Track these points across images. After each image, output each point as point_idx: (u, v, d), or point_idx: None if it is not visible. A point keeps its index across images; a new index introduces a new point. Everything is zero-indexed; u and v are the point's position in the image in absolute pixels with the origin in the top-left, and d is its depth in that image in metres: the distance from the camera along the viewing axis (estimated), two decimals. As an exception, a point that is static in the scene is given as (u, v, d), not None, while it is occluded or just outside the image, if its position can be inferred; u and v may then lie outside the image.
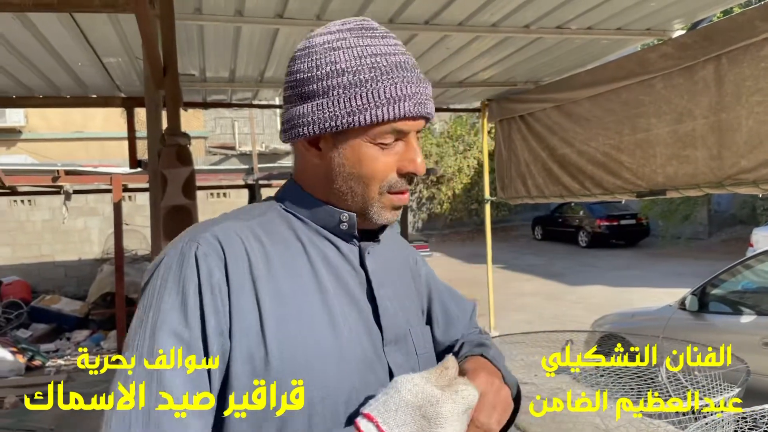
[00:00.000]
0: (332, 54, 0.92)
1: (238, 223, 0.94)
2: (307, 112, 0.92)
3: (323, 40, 0.94)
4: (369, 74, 0.91)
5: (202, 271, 0.87)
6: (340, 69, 0.91)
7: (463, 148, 23.09)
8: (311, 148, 0.96)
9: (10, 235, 12.25)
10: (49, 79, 4.53)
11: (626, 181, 4.47)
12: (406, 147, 0.95)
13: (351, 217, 0.98)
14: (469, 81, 5.33)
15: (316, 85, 0.92)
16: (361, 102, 0.90)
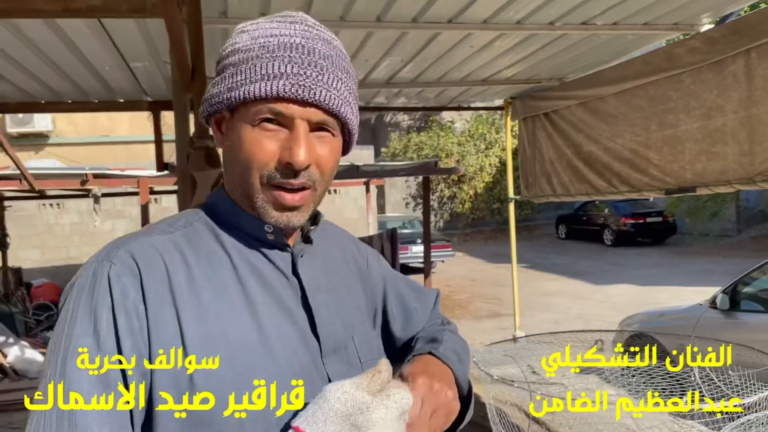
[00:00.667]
0: (239, 36, 0.91)
1: (158, 237, 0.90)
2: (210, 91, 0.92)
3: (244, 25, 0.92)
4: (257, 52, 0.87)
5: (115, 293, 0.82)
6: (236, 48, 0.90)
7: (484, 147, 22.99)
8: (218, 132, 0.94)
9: (39, 238, 12.48)
10: (78, 84, 4.60)
11: (654, 178, 4.41)
12: (291, 136, 0.88)
13: (269, 227, 0.93)
14: (492, 79, 5.30)
15: (218, 66, 0.92)
16: (240, 78, 0.87)
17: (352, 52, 4.28)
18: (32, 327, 9.58)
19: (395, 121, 25.82)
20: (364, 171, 8.05)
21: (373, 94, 5.63)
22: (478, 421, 4.59)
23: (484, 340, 7.46)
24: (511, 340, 3.95)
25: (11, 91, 4.68)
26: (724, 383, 2.85)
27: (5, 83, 4.43)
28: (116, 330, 0.81)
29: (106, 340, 0.81)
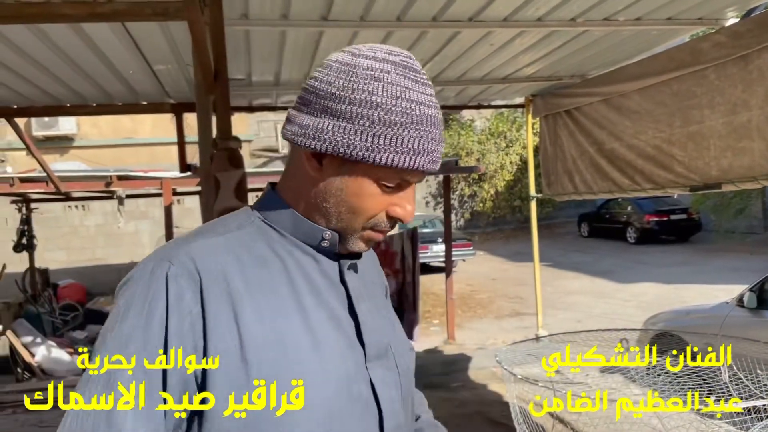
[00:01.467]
0: (372, 83, 0.88)
1: (214, 240, 0.92)
2: (325, 128, 0.89)
3: (367, 64, 0.90)
4: (400, 118, 0.88)
5: (171, 293, 0.85)
6: (374, 102, 0.88)
7: (505, 145, 22.86)
8: (313, 160, 0.94)
9: (64, 239, 12.69)
10: (102, 87, 4.67)
11: (678, 175, 4.35)
12: (403, 194, 0.95)
13: (333, 236, 0.97)
14: (513, 77, 5.27)
15: (346, 107, 0.88)
16: (384, 142, 0.88)
17: (372, 52, 4.28)
18: (59, 327, 9.74)
19: (415, 120, 25.78)
20: (385, 170, 8.07)
21: (393, 93, 5.62)
22: (502, 420, 4.58)
23: (506, 339, 7.42)
24: (533, 339, 3.93)
25: (37, 95, 4.77)
26: (752, 382, 2.80)
27: (31, 87, 4.51)
28: (166, 330, 0.84)
29: (154, 340, 0.83)
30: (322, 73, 0.92)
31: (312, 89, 0.92)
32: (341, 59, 0.91)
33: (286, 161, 1.03)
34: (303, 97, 0.94)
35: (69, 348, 8.31)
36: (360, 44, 0.94)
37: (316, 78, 0.93)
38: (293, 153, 0.99)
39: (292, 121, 0.95)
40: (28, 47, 3.65)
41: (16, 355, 7.62)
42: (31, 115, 5.49)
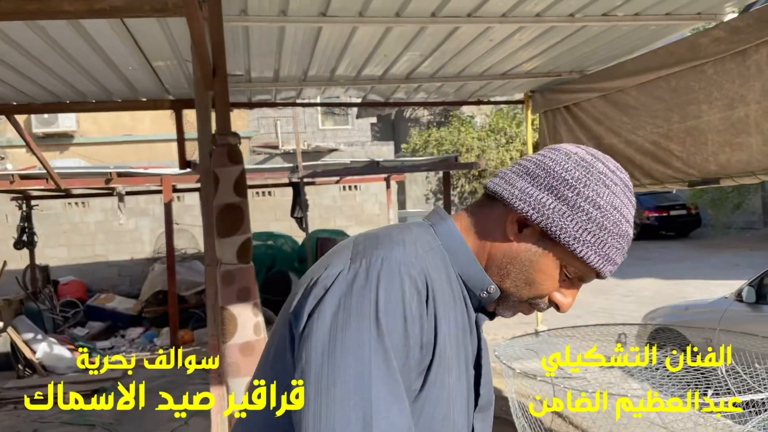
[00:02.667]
0: (601, 187, 0.97)
1: (422, 256, 0.96)
2: (546, 204, 0.97)
3: (602, 169, 0.98)
4: (611, 227, 0.97)
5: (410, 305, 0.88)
6: (598, 203, 0.96)
7: (505, 141, 22.85)
8: (516, 224, 1.00)
9: (65, 236, 12.69)
10: (101, 84, 4.67)
11: (677, 170, 4.36)
12: (572, 288, 1.03)
13: (496, 292, 1.02)
14: (512, 73, 5.27)
15: (572, 196, 0.96)
16: (590, 239, 0.96)
17: (371, 48, 4.29)
18: (60, 324, 9.75)
19: (415, 117, 25.77)
20: (385, 167, 8.07)
21: (393, 89, 5.63)
22: (501, 415, 4.58)
23: (505, 335, 7.43)
24: (532, 334, 3.94)
25: (37, 92, 4.77)
26: (750, 377, 2.82)
27: (31, 84, 4.51)
28: (407, 340, 0.87)
29: (398, 350, 0.86)
30: (559, 158, 1.00)
31: (544, 167, 0.99)
32: (580, 155, 1.00)
33: (473, 207, 1.07)
34: (529, 168, 1.01)
35: (70, 345, 8.32)
36: (595, 151, 1.03)
37: (552, 159, 1.00)
38: (492, 207, 1.04)
39: (508, 181, 1.02)
40: (27, 44, 3.66)
41: (17, 352, 7.63)
42: (30, 112, 5.50)
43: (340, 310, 0.86)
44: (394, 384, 0.84)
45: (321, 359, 0.84)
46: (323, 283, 0.91)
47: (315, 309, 0.88)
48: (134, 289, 11.99)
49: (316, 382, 0.83)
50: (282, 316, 0.99)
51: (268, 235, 11.25)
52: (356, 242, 0.99)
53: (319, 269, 0.96)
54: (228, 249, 2.47)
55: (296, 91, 5.48)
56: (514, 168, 1.04)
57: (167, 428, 4.58)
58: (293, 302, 0.96)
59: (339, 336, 0.85)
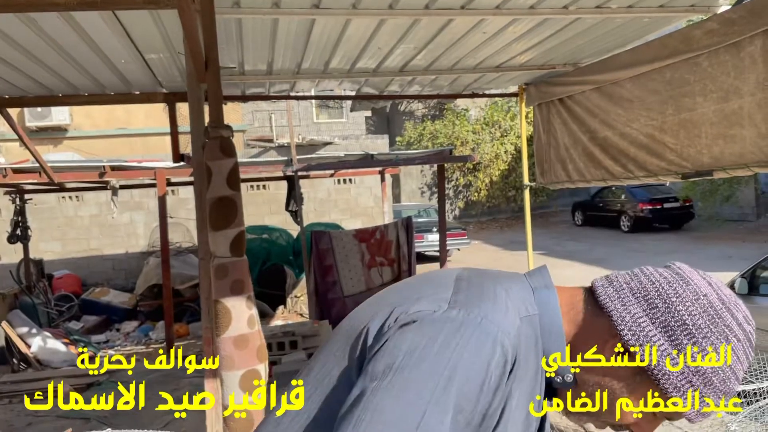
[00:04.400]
0: (722, 343, 0.89)
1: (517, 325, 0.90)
2: (654, 340, 0.89)
3: (731, 322, 0.90)
4: (718, 384, 0.89)
5: (494, 371, 0.83)
6: (712, 358, 0.88)
7: (500, 134, 22.86)
8: (613, 347, 0.92)
9: (59, 230, 12.65)
10: (94, 77, 4.65)
11: (671, 163, 4.37)
12: (652, 422, 0.96)
13: (570, 381, 0.95)
14: (506, 65, 5.27)
15: (687, 343, 0.88)
16: (691, 392, 0.89)
17: (365, 41, 4.28)
18: (54, 318, 9.74)
19: (410, 110, 25.74)
20: (379, 160, 8.06)
21: (387, 82, 5.62)
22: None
23: (500, 328, 7.42)
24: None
25: (29, 85, 4.74)
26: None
27: (23, 77, 4.49)
28: (474, 407, 0.83)
29: (463, 411, 0.82)
30: (686, 296, 0.90)
31: (667, 300, 0.90)
32: (711, 299, 0.90)
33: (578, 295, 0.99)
34: (649, 293, 0.92)
35: (65, 338, 8.31)
36: (729, 293, 0.93)
37: (678, 295, 0.90)
38: (597, 314, 0.95)
39: (621, 299, 0.93)
40: (18, 36, 3.63)
41: (12, 346, 7.62)
42: (22, 105, 5.46)
43: (417, 354, 0.82)
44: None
45: (384, 394, 0.80)
46: (415, 317, 0.87)
47: (398, 343, 0.85)
48: (129, 283, 11.98)
49: (365, 404, 0.80)
50: (353, 327, 0.96)
51: (263, 229, 11.24)
52: (458, 282, 0.94)
53: (411, 294, 0.93)
54: (221, 242, 2.46)
55: (290, 83, 5.47)
56: (632, 283, 0.94)
57: (162, 421, 4.59)
58: (370, 315, 0.94)
59: (409, 378, 0.81)
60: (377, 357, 0.85)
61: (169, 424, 4.72)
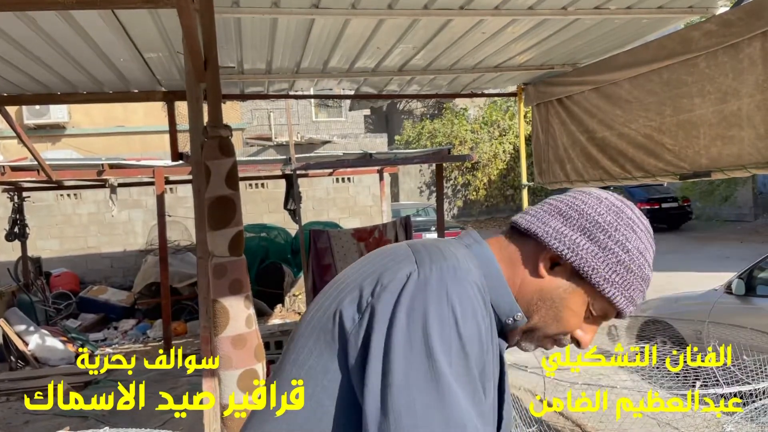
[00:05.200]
0: (630, 233, 1.03)
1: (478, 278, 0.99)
2: (580, 245, 1.01)
3: (631, 216, 1.04)
4: (636, 270, 1.03)
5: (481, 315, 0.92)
6: (627, 247, 1.02)
7: (498, 134, 22.87)
8: (548, 261, 1.03)
9: (57, 228, 12.63)
10: (92, 75, 4.64)
11: (668, 164, 4.37)
12: (592, 326, 1.07)
13: (522, 320, 1.04)
14: (504, 65, 5.27)
15: (604, 239, 1.01)
16: (618, 280, 1.01)
17: (364, 40, 4.28)
18: (52, 316, 9.72)
19: (408, 109, 25.74)
20: (378, 159, 8.06)
21: (386, 81, 5.62)
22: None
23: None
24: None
25: (27, 83, 4.74)
26: (738, 368, 2.84)
27: (21, 75, 4.48)
28: (481, 347, 0.91)
29: (477, 357, 0.90)
30: (591, 202, 1.05)
31: (577, 209, 1.04)
32: (611, 200, 1.05)
33: (503, 239, 1.10)
34: (561, 209, 1.06)
35: (62, 336, 8.31)
36: (620, 196, 1.08)
37: (584, 202, 1.05)
38: (523, 242, 1.07)
39: (541, 219, 1.05)
40: (17, 34, 3.62)
41: (10, 344, 7.61)
42: (21, 103, 5.45)
43: (417, 315, 0.88)
44: (476, 394, 0.88)
45: (406, 366, 0.85)
46: (392, 288, 0.92)
47: (390, 312, 0.89)
48: (127, 281, 11.96)
49: (405, 388, 0.84)
50: (318, 317, 0.99)
51: (262, 227, 11.24)
52: (415, 249, 1.00)
53: (372, 271, 0.97)
54: (220, 241, 2.46)
55: (289, 83, 5.47)
56: (545, 207, 1.08)
57: (160, 420, 4.59)
58: (335, 303, 0.97)
59: (421, 340, 0.87)
60: (374, 334, 0.89)
61: (167, 423, 4.72)
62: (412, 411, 0.84)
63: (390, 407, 0.84)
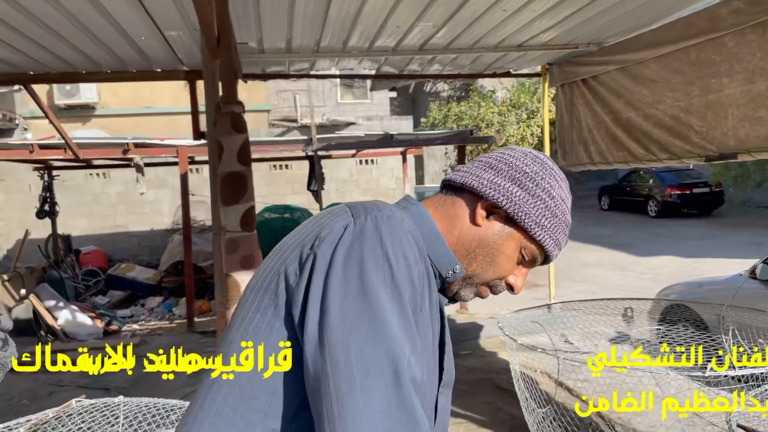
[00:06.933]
0: (554, 181, 1.12)
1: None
2: (513, 192, 1.09)
3: (552, 166, 1.13)
4: (560, 215, 1.11)
5: (413, 259, 0.95)
6: (552, 194, 1.10)
7: (526, 116, 22.58)
8: (483, 210, 1.10)
9: (87, 207, 12.88)
10: (115, 54, 4.69)
11: (695, 145, 4.28)
12: (524, 270, 1.14)
13: (461, 272, 1.10)
14: (528, 44, 5.18)
15: (533, 186, 1.09)
16: (546, 224, 1.09)
17: (383, 18, 4.24)
18: (81, 292, 9.95)
19: (435, 91, 25.55)
20: (399, 140, 8.03)
21: (407, 61, 5.58)
22: (508, 387, 4.62)
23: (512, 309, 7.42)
24: (539, 307, 3.93)
25: (53, 61, 4.81)
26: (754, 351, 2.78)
27: (46, 53, 4.55)
28: (413, 289, 0.94)
29: (410, 297, 0.93)
30: (517, 155, 1.13)
31: (506, 162, 1.12)
32: (534, 153, 1.14)
33: (437, 197, 1.16)
34: (491, 163, 1.13)
35: (91, 312, 8.49)
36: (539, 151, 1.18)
37: (512, 156, 1.13)
38: (456, 196, 1.13)
39: (474, 174, 1.12)
40: (40, 12, 3.67)
41: (40, 318, 7.82)
42: (47, 81, 5.54)
43: (353, 259, 0.91)
44: (410, 330, 0.91)
45: (342, 304, 0.88)
46: (330, 239, 0.94)
47: (329, 260, 0.92)
48: (154, 260, 12.17)
49: (340, 325, 0.87)
50: (262, 279, 1.01)
51: (285, 208, 11.29)
52: (351, 206, 1.04)
53: (312, 230, 1.00)
54: (232, 217, 2.49)
55: (309, 62, 5.46)
56: (476, 164, 1.15)
57: (180, 393, 4.68)
58: (279, 262, 0.99)
59: (357, 281, 0.90)
60: (313, 282, 0.92)
61: (186, 396, 4.82)
62: (345, 347, 0.86)
63: (326, 345, 0.87)
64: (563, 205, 1.12)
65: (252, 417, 0.94)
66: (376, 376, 0.85)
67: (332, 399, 0.85)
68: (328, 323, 0.88)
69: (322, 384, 0.86)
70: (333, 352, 0.86)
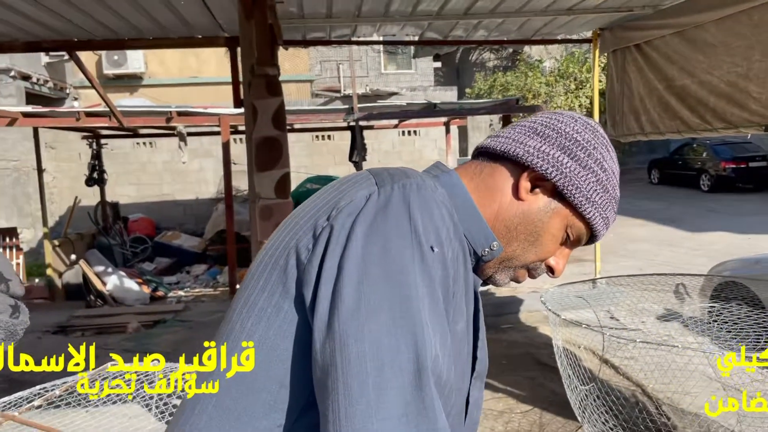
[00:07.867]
0: (605, 152, 0.98)
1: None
2: (564, 162, 0.94)
3: (604, 134, 1.00)
4: (611, 190, 0.98)
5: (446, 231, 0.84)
6: (604, 166, 0.97)
7: (575, 87, 21.95)
8: (528, 182, 0.95)
9: (134, 175, 13.15)
10: (156, 20, 4.68)
11: (753, 113, 4.03)
12: (565, 252, 1.01)
13: (499, 249, 0.96)
14: (579, 7, 4.95)
15: (584, 156, 0.96)
16: (597, 200, 0.96)
17: (426, -20, 4.10)
18: (129, 258, 10.21)
19: (480, 61, 25.06)
20: (442, 110, 7.87)
21: (451, 26, 5.41)
22: (549, 362, 4.52)
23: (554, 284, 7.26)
24: (587, 281, 3.80)
25: (96, 28, 4.83)
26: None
27: (89, 19, 4.56)
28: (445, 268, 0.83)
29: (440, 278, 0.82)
30: (567, 120, 0.98)
31: (554, 128, 0.97)
32: (585, 120, 1.00)
33: (472, 165, 1.01)
34: (537, 129, 0.98)
35: (138, 278, 8.71)
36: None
37: (560, 121, 0.98)
38: (495, 166, 0.99)
39: (517, 140, 0.97)
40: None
41: (89, 283, 8.05)
42: (91, 48, 5.59)
43: (375, 235, 0.79)
44: (439, 314, 0.80)
45: (359, 287, 0.76)
46: (349, 210, 0.82)
47: (347, 235, 0.79)
48: (199, 228, 12.38)
49: (355, 312, 0.75)
50: (270, 254, 0.87)
51: (326, 179, 11.32)
52: (375, 173, 0.91)
53: (329, 199, 0.87)
54: (266, 183, 2.44)
55: (350, 28, 5.35)
56: (518, 129, 0.99)
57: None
58: (290, 235, 0.86)
59: (379, 261, 0.77)
60: (328, 258, 0.79)
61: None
62: (360, 336, 0.74)
63: (336, 332, 0.75)
64: (614, 178, 0.99)
65: (257, 410, 0.83)
66: (393, 373, 0.73)
67: (340, 395, 0.73)
68: (341, 308, 0.75)
69: (330, 377, 0.74)
70: (345, 342, 0.74)
